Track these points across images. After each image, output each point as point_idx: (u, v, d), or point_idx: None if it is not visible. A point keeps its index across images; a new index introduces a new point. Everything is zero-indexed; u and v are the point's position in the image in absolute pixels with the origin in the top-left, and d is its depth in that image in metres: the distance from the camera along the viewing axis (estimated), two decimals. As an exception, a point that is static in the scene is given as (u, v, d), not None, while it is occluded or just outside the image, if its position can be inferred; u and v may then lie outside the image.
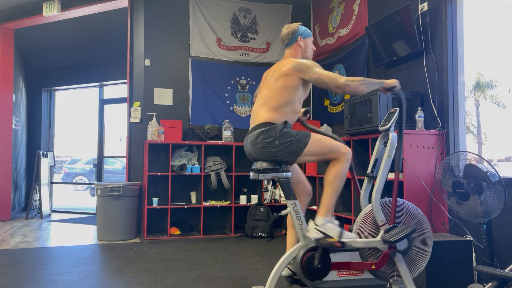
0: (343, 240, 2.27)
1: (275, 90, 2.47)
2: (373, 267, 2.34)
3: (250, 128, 2.54)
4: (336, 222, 2.36)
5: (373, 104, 3.61)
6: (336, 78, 2.36)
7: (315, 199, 4.68)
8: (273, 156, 2.39)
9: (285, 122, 2.45)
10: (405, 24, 3.74)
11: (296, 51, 2.61)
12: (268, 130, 2.39)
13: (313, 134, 2.42)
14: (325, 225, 2.31)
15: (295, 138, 2.37)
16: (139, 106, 5.35)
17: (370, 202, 2.46)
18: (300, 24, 2.64)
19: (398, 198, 2.47)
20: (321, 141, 2.41)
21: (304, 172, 5.06)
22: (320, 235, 2.29)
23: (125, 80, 5.74)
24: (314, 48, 2.71)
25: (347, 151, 2.41)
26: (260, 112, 2.48)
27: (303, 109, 2.83)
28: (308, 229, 2.35)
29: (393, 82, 2.41)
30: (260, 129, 2.41)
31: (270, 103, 2.46)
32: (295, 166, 2.64)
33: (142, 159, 5.31)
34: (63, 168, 12.47)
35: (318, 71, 2.41)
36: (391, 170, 2.47)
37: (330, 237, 2.29)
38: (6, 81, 6.57)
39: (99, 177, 7.46)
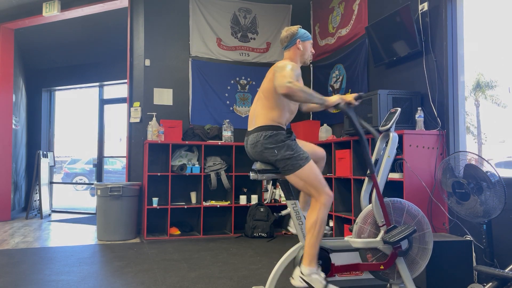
0: None
1: (267, 91, 2.48)
2: (382, 267, 2.34)
3: (249, 128, 2.54)
4: (322, 274, 2.30)
5: (373, 104, 3.61)
6: (284, 78, 2.28)
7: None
8: (267, 160, 2.41)
9: (290, 132, 2.44)
10: (405, 24, 3.74)
11: (294, 53, 2.61)
12: (271, 136, 2.38)
13: (311, 162, 2.39)
14: (310, 276, 2.26)
15: (294, 155, 2.36)
16: (139, 106, 5.35)
17: (370, 202, 2.46)
18: (300, 27, 2.64)
19: (398, 199, 2.48)
20: (315, 173, 2.37)
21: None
22: (304, 285, 2.27)
23: (125, 80, 5.74)
24: (313, 51, 2.71)
25: (328, 197, 2.36)
26: (259, 112, 2.49)
27: (355, 94, 2.70)
28: (293, 275, 2.32)
29: (335, 100, 2.36)
30: (263, 132, 2.41)
31: (266, 103, 2.48)
32: (301, 141, 2.62)
33: (142, 159, 5.31)
34: (63, 168, 12.47)
35: (284, 71, 2.33)
36: (391, 170, 2.47)
37: None
38: (6, 81, 6.57)
39: (99, 177, 7.46)
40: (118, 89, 7.61)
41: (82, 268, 3.55)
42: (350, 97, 2.61)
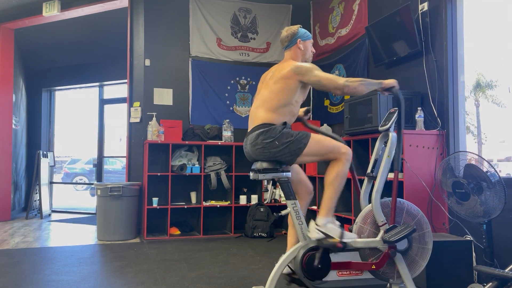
0: (344, 240, 2.28)
1: (273, 92, 2.47)
2: (373, 267, 2.34)
3: (249, 130, 2.54)
4: (337, 223, 2.36)
5: (373, 104, 3.61)
6: (335, 79, 2.36)
7: (316, 199, 4.68)
8: (273, 157, 2.40)
9: (284, 123, 2.45)
10: (405, 24, 3.74)
11: (295, 53, 2.62)
12: (267, 131, 2.39)
13: (312, 135, 2.42)
14: (326, 225, 2.31)
15: (294, 138, 2.37)
16: (139, 106, 5.35)
17: (370, 202, 2.46)
18: (300, 27, 2.65)
19: (398, 198, 2.47)
20: (321, 141, 2.41)
21: (304, 172, 5.05)
22: (321, 235, 2.30)
23: (125, 80, 5.74)
24: (313, 50, 2.71)
25: (347, 151, 2.41)
26: (259, 113, 2.49)
27: (304, 109, 2.84)
28: (309, 229, 2.35)
29: (391, 82, 2.41)
30: (260, 130, 2.42)
31: (268, 104, 2.47)
32: (296, 166, 2.64)
33: (142, 159, 5.31)
34: (63, 168, 12.47)
35: (318, 73, 2.41)
36: (391, 170, 2.47)
37: (331, 237, 2.29)
38: (6, 81, 6.57)
39: (99, 177, 7.46)
40: (118, 89, 7.62)
41: (82, 268, 3.55)
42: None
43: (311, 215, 4.09)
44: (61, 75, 7.94)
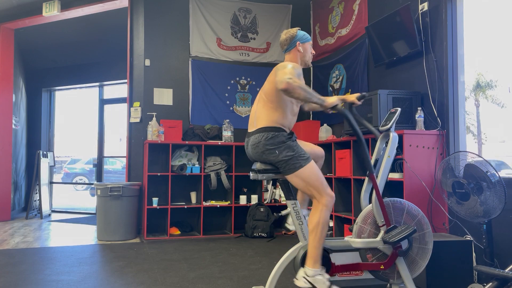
0: None
1: (268, 93, 2.48)
2: (382, 267, 2.34)
3: (250, 130, 2.54)
4: (327, 276, 2.30)
5: (373, 104, 3.61)
6: (285, 74, 2.28)
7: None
8: (268, 161, 2.41)
9: (291, 133, 2.45)
10: (405, 24, 3.74)
11: (295, 56, 2.61)
12: (272, 137, 2.39)
13: (312, 162, 2.39)
14: (315, 277, 2.27)
15: (295, 155, 2.36)
16: (139, 106, 5.35)
17: (370, 202, 2.46)
18: (299, 29, 2.64)
19: (398, 199, 2.48)
20: (315, 173, 2.37)
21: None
22: (308, 286, 2.27)
23: (125, 80, 5.74)
24: (313, 52, 2.71)
25: (330, 198, 2.35)
26: (261, 114, 2.48)
27: (358, 94, 2.71)
28: (297, 276, 2.32)
29: (333, 101, 2.34)
30: (264, 133, 2.41)
31: (268, 104, 2.47)
32: (300, 141, 2.62)
33: (142, 159, 5.31)
34: (63, 168, 12.47)
35: (285, 70, 2.33)
36: (392, 170, 2.47)
37: None
38: (6, 81, 6.57)
39: (99, 177, 7.46)
40: (118, 89, 7.62)
41: (82, 268, 3.55)
42: (353, 97, 2.68)
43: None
44: (61, 75, 7.94)
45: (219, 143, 5.23)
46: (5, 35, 6.54)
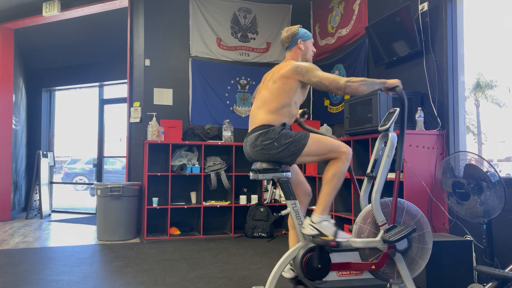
0: (337, 239, 2.27)
1: (273, 93, 2.47)
2: (373, 267, 2.34)
3: (249, 130, 2.55)
4: (332, 221, 2.35)
5: (373, 104, 3.61)
6: (337, 80, 2.35)
7: (315, 198, 4.68)
8: (272, 158, 2.40)
9: (284, 124, 2.45)
10: (405, 24, 3.74)
11: (296, 53, 2.61)
12: (266, 132, 2.39)
13: (312, 134, 2.41)
14: (321, 223, 2.30)
15: (293, 139, 2.37)
16: (139, 106, 5.35)
17: (370, 202, 2.46)
18: (300, 27, 2.64)
19: (398, 198, 2.47)
20: (321, 141, 2.40)
21: (304, 172, 5.06)
22: (315, 232, 2.29)
23: (125, 80, 5.74)
24: (314, 50, 2.71)
25: (348, 150, 2.40)
26: (258, 114, 2.48)
27: (300, 110, 2.84)
28: (303, 225, 2.34)
29: (395, 82, 2.40)
30: (259, 131, 2.41)
31: (268, 105, 2.46)
32: (295, 167, 2.64)
33: (142, 159, 5.31)
34: (63, 168, 12.47)
35: (318, 74, 2.40)
36: (391, 170, 2.47)
37: (325, 235, 2.29)
38: (6, 81, 6.57)
39: (99, 177, 7.46)
40: (118, 89, 7.62)
41: (82, 268, 3.55)
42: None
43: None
44: (61, 75, 7.94)
45: (219, 143, 5.23)
46: (5, 35, 6.54)
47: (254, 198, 5.40)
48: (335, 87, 2.34)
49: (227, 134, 5.34)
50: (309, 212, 2.50)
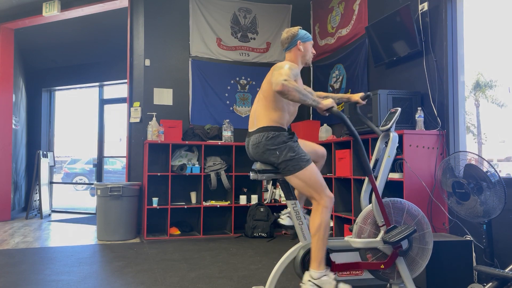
0: None
1: (267, 92, 2.48)
2: (382, 266, 2.34)
3: (250, 129, 2.54)
4: (332, 275, 2.30)
5: (373, 104, 3.61)
6: (280, 76, 2.27)
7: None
8: (269, 162, 2.41)
9: (292, 133, 2.44)
10: (405, 24, 3.74)
11: (295, 54, 2.61)
12: (273, 137, 2.38)
13: (312, 164, 2.39)
14: (320, 279, 2.26)
15: (296, 157, 2.35)
16: (139, 106, 5.35)
17: (370, 202, 2.46)
18: (300, 28, 2.64)
19: (398, 199, 2.48)
20: (316, 175, 2.37)
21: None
22: None
23: (125, 80, 5.74)
24: (314, 51, 2.70)
25: (331, 197, 2.36)
26: (261, 113, 2.48)
27: (362, 94, 2.76)
28: (303, 281, 2.31)
29: (328, 103, 2.31)
30: (265, 133, 2.41)
31: (266, 104, 2.47)
32: (302, 140, 2.62)
33: (142, 159, 5.31)
34: (63, 168, 12.47)
35: (280, 70, 2.33)
36: (392, 170, 2.47)
37: None
38: (6, 81, 6.57)
39: (99, 177, 7.46)
40: (118, 89, 7.62)
41: (82, 268, 3.55)
42: (357, 96, 2.69)
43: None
44: (61, 75, 7.94)
45: (219, 143, 5.23)
46: (5, 35, 6.54)
47: (254, 198, 5.40)
48: (275, 82, 2.27)
49: (227, 134, 5.34)
50: (309, 212, 2.49)
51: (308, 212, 2.54)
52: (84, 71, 7.70)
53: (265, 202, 5.51)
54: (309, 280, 2.28)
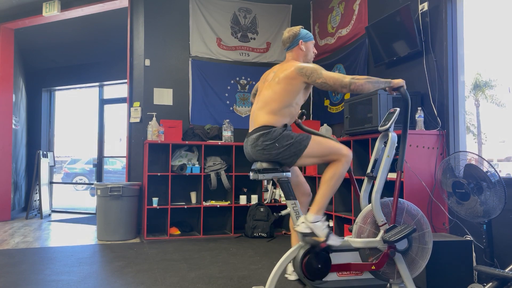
0: (328, 242, 2.27)
1: (276, 93, 2.46)
2: (373, 267, 2.34)
3: (249, 130, 2.55)
4: (327, 223, 2.34)
5: (373, 104, 3.61)
6: (341, 78, 2.35)
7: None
8: (273, 158, 2.41)
9: (285, 125, 2.45)
10: (405, 24, 3.74)
11: (297, 54, 2.61)
12: (268, 133, 2.39)
13: (313, 136, 2.42)
14: (315, 223, 2.30)
15: (294, 140, 2.37)
16: (139, 106, 5.35)
17: (370, 202, 2.46)
18: (302, 27, 2.64)
19: (398, 199, 2.47)
20: (322, 143, 2.40)
21: (304, 173, 5.06)
22: (308, 231, 2.29)
23: (125, 80, 5.74)
24: (315, 51, 2.71)
25: (348, 153, 2.40)
26: (260, 114, 2.48)
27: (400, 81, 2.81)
28: (297, 222, 2.34)
29: (400, 81, 2.41)
30: (260, 132, 2.42)
31: (270, 106, 2.46)
32: (295, 168, 2.64)
33: (142, 159, 5.31)
34: (63, 168, 12.47)
35: (323, 74, 2.39)
36: (391, 170, 2.47)
37: (317, 235, 2.29)
38: (6, 81, 6.57)
39: (99, 177, 7.46)
40: (118, 89, 7.62)
41: (82, 268, 3.55)
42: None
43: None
44: (61, 75, 7.94)
45: (219, 143, 5.23)
46: (5, 35, 6.54)
47: (254, 198, 5.40)
48: (340, 86, 2.35)
49: (227, 134, 5.34)
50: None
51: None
52: (84, 71, 7.70)
53: (265, 202, 5.51)
54: (303, 222, 2.31)
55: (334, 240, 2.30)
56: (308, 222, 2.30)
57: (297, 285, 2.96)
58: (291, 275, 2.44)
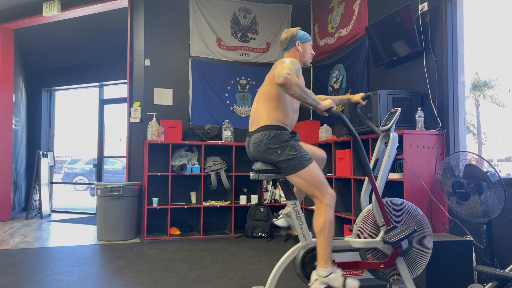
0: None
1: (268, 90, 2.48)
2: (382, 266, 2.34)
3: (251, 129, 2.54)
4: (339, 271, 2.30)
5: (373, 104, 3.61)
6: (283, 69, 2.27)
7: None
8: (270, 162, 2.41)
9: (293, 133, 2.44)
10: (405, 24, 3.74)
11: (294, 55, 2.61)
12: (274, 136, 2.38)
13: (314, 163, 2.39)
14: (328, 276, 2.26)
15: (297, 155, 2.35)
16: (139, 106, 5.35)
17: (370, 202, 2.46)
18: (299, 29, 2.64)
19: (398, 199, 2.48)
20: (318, 173, 2.37)
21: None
22: (323, 286, 2.26)
23: (125, 80, 5.74)
24: (313, 52, 2.70)
25: (332, 194, 2.36)
26: (262, 112, 2.47)
27: (362, 94, 2.78)
28: (311, 280, 2.30)
29: (327, 104, 2.32)
30: (266, 131, 2.40)
31: (267, 103, 2.47)
32: (303, 143, 2.62)
33: (142, 159, 5.31)
34: (63, 168, 12.47)
35: (284, 64, 2.33)
36: (392, 170, 2.47)
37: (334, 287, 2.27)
38: (6, 81, 6.57)
39: (99, 177, 7.46)
40: (118, 89, 7.62)
41: (82, 268, 3.55)
42: (357, 97, 2.70)
43: (310, 216, 4.09)
44: (61, 75, 7.94)
45: (219, 143, 5.23)
46: (5, 35, 6.54)
47: (254, 198, 5.40)
48: (277, 73, 2.27)
49: (227, 134, 5.34)
50: (308, 215, 2.49)
51: (308, 213, 2.54)
52: (84, 71, 7.70)
53: (265, 202, 5.51)
54: (317, 279, 2.28)
55: (352, 284, 2.29)
56: (322, 278, 2.26)
57: (297, 285, 2.97)
58: (279, 220, 2.55)
